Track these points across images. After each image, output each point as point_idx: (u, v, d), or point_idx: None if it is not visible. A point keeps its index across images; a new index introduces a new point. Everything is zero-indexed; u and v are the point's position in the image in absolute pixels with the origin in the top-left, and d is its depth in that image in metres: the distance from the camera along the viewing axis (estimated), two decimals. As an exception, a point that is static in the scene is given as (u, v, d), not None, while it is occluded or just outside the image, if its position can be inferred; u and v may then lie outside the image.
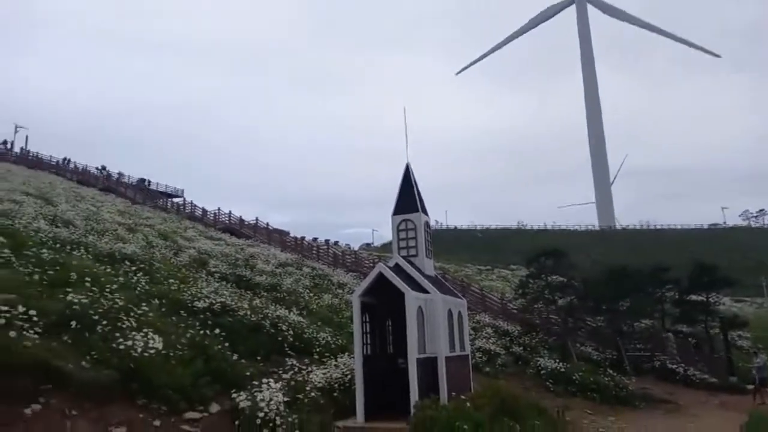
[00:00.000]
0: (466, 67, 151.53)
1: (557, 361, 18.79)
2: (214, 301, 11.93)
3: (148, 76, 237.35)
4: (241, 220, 37.45)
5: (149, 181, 54.34)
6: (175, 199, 49.12)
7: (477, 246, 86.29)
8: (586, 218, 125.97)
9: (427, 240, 11.76)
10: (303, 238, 39.40)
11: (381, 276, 10.24)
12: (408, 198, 11.87)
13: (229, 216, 37.82)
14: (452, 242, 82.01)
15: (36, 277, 8.49)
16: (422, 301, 10.14)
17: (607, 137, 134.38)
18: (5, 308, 6.32)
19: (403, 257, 11.30)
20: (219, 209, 38.55)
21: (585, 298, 23.59)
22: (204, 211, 38.80)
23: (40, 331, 6.53)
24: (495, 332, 22.30)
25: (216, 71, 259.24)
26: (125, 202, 35.51)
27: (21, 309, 6.53)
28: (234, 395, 7.86)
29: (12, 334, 6.03)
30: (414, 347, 9.45)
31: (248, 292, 16.35)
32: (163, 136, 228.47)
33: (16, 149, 51.80)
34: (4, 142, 51.58)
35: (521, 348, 21.21)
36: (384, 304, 10.77)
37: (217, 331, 10.08)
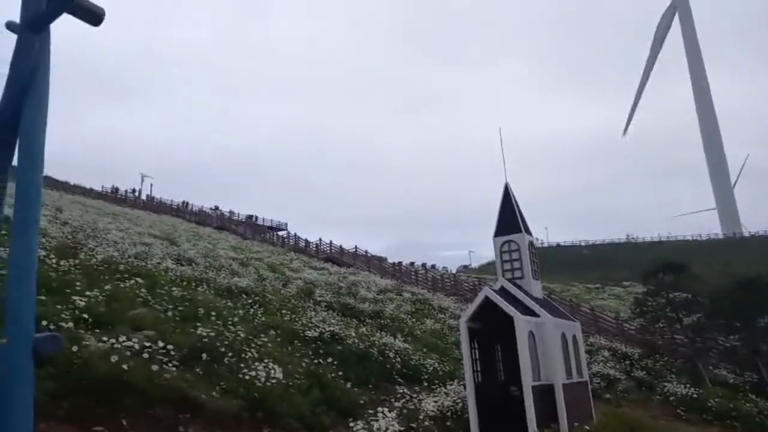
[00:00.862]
0: (627, 125, 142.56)
1: (687, 385, 17.06)
2: (323, 330, 12.37)
3: (246, 116, 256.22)
4: (341, 249, 38.67)
5: (256, 217, 58.10)
6: (280, 232, 51.90)
7: (583, 263, 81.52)
8: (706, 226, 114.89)
9: (532, 261, 11.37)
10: (400, 264, 39.76)
11: (487, 300, 10.03)
12: (509, 218, 11.61)
13: (330, 245, 39.22)
14: (555, 260, 78.12)
15: (170, 313, 9.36)
16: (533, 325, 9.77)
17: (723, 135, 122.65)
18: (148, 344, 7.03)
19: (509, 279, 11.00)
20: (320, 240, 40.17)
21: (714, 315, 21.34)
22: (306, 242, 40.61)
23: (177, 363, 7.15)
24: (612, 355, 20.81)
25: (304, 100, 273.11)
26: (237, 238, 38.15)
27: (160, 344, 7.21)
28: (351, 424, 8.02)
29: (154, 367, 6.67)
30: (528, 374, 9.08)
31: (353, 319, 16.75)
32: (264, 171, 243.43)
33: (143, 196, 57.89)
34: (133, 191, 57.94)
35: (644, 372, 19.57)
36: (491, 329, 10.49)
37: (329, 359, 10.42)
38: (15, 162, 3.24)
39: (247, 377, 7.58)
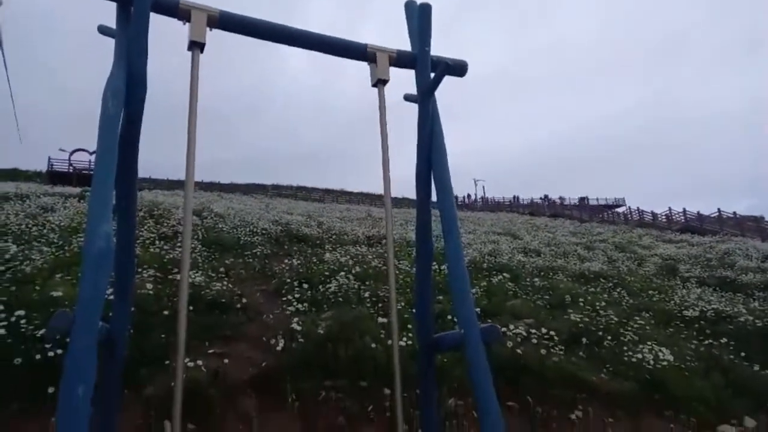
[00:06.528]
0: None
1: None
2: (704, 309, 11.11)
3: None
4: (700, 216, 33.54)
5: (588, 199, 56.08)
6: (618, 209, 48.72)
7: None
8: None
9: None
10: (788, 221, 31.87)
11: None
12: None
13: (684, 214, 34.53)
14: None
15: (539, 302, 10.07)
16: None
17: None
18: (533, 330, 7.79)
19: None
20: (670, 209, 35.85)
21: None
22: (654, 214, 36.85)
23: (561, 348, 7.67)
24: None
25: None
26: (573, 222, 37.65)
27: (543, 330, 7.88)
28: (773, 413, 6.99)
29: (543, 351, 7.33)
30: None
31: (738, 294, 14.41)
32: (588, 155, 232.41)
33: (478, 199, 63.28)
34: (468, 196, 63.96)
35: None
36: None
37: (722, 340, 9.32)
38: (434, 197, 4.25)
39: (633, 360, 7.52)
